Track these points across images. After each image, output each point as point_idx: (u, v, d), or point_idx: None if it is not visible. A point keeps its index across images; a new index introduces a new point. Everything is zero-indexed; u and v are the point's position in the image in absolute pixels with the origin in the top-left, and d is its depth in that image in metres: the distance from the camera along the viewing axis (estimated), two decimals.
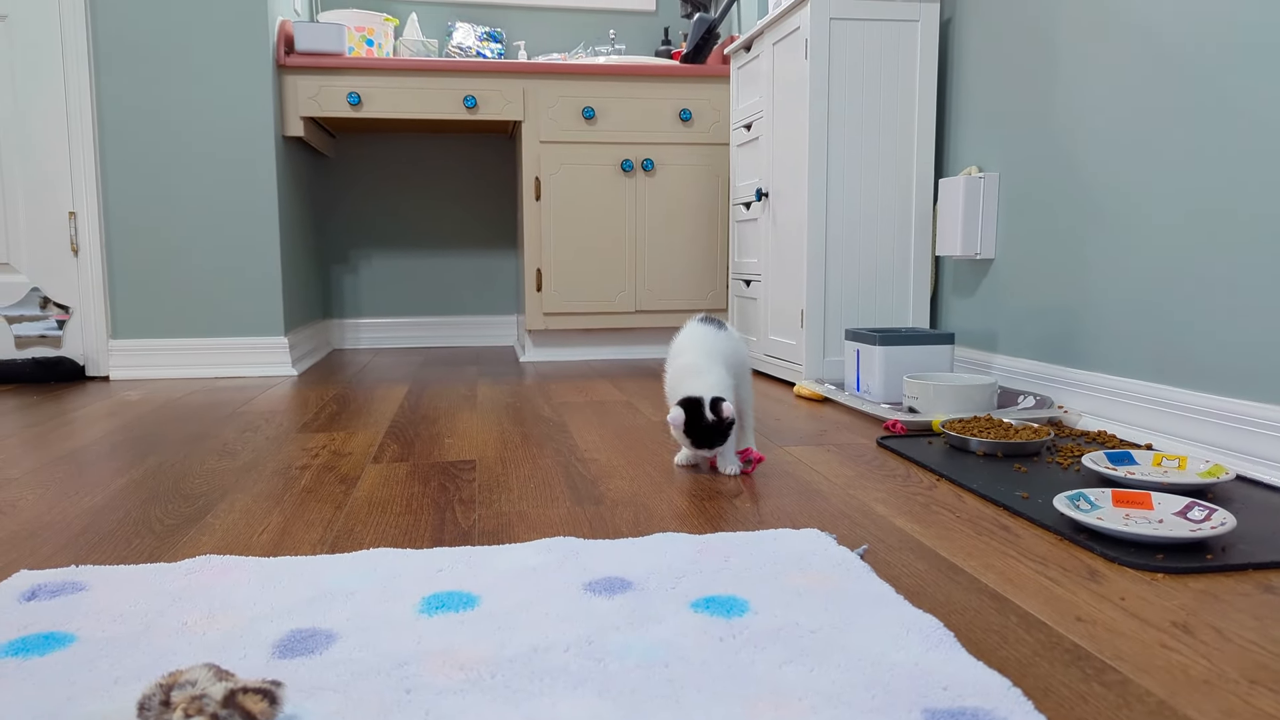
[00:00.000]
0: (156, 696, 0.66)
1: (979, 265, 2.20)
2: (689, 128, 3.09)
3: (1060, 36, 1.88)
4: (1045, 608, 0.92)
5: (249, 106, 2.73)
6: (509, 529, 1.21)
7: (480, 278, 3.69)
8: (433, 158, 3.60)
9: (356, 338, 3.62)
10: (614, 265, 3.10)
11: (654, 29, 3.72)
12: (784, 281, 2.49)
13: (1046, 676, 0.77)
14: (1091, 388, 1.79)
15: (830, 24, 2.25)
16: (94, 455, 1.68)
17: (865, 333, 2.07)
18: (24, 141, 2.64)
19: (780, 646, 0.81)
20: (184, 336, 2.78)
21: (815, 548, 1.08)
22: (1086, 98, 1.80)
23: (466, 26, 3.42)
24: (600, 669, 0.77)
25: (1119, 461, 1.41)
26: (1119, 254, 1.72)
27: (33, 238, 2.68)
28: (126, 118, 2.68)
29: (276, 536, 1.18)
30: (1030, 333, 2.00)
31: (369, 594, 0.95)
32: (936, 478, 1.45)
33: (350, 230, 3.58)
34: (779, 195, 2.51)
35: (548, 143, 3.03)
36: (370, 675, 0.76)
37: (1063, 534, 1.14)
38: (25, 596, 0.95)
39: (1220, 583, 0.99)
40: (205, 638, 0.85)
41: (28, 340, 2.70)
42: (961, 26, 2.26)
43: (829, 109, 2.28)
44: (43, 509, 1.32)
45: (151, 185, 2.71)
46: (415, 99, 2.96)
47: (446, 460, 1.62)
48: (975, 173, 2.16)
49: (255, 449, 1.72)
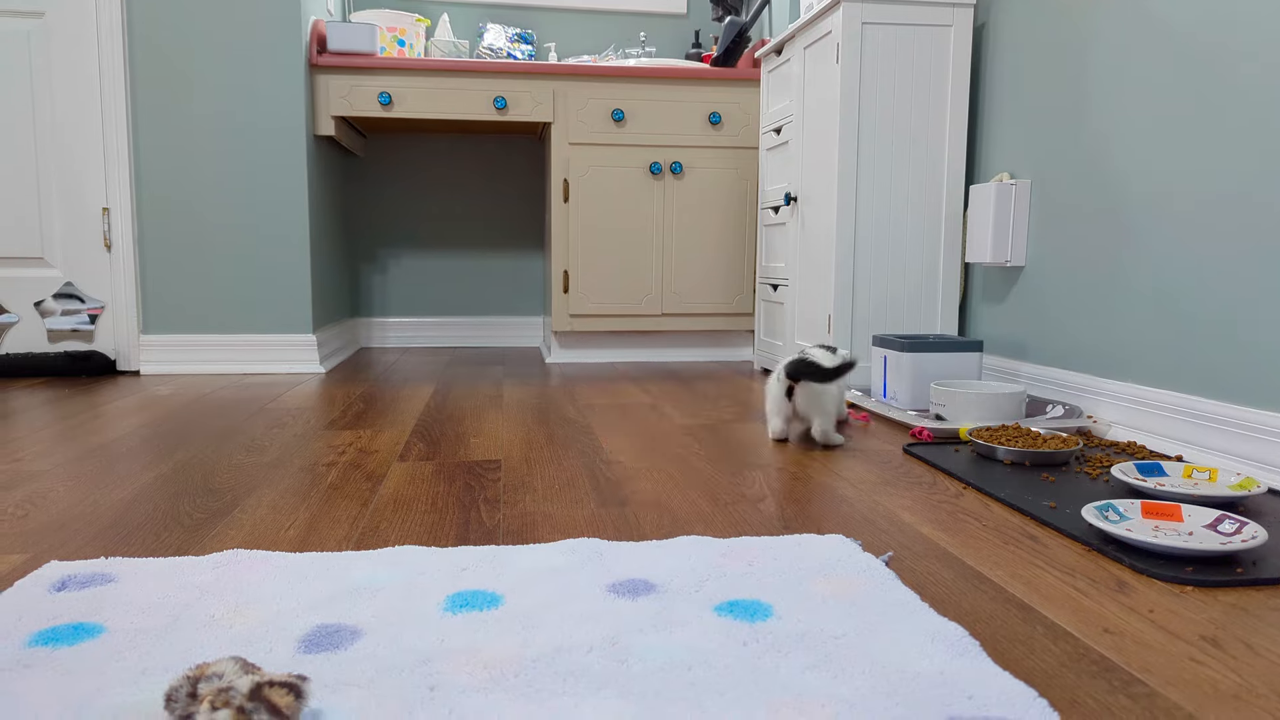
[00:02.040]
0: (184, 688, 0.67)
1: (1009, 273, 2.18)
2: (718, 131, 3.09)
3: (1095, 43, 1.86)
4: (1072, 618, 0.91)
5: (281, 105, 2.76)
6: (533, 529, 1.21)
7: (507, 279, 3.70)
8: (462, 158, 3.62)
9: (384, 336, 3.64)
10: (641, 268, 3.11)
11: (685, 32, 3.72)
12: (811, 286, 2.48)
13: (1073, 687, 0.77)
14: (1121, 398, 1.76)
15: (862, 28, 2.24)
16: (124, 449, 1.70)
17: (893, 339, 2.06)
18: (59, 138, 2.69)
19: (804, 652, 0.81)
20: (214, 332, 2.81)
21: (840, 554, 1.07)
22: (1120, 105, 1.78)
23: (497, 28, 3.43)
24: (623, 670, 0.77)
25: (1149, 473, 1.39)
26: (1151, 263, 1.70)
27: (66, 233, 2.72)
28: (159, 116, 2.72)
29: (303, 532, 1.19)
30: (1060, 341, 1.98)
31: (394, 591, 0.95)
32: (963, 486, 1.44)
33: (379, 229, 3.61)
34: (808, 200, 2.50)
35: (577, 144, 3.03)
36: (394, 672, 0.77)
37: (1091, 545, 1.13)
38: (56, 587, 0.96)
39: (1251, 597, 0.97)
40: (232, 631, 0.86)
41: (60, 334, 2.75)
42: (995, 32, 2.24)
43: (860, 113, 2.27)
44: (73, 501, 1.34)
45: (183, 182, 2.75)
46: (446, 99, 2.98)
47: (472, 460, 1.62)
48: (1007, 179, 2.14)
49: (283, 445, 1.74)
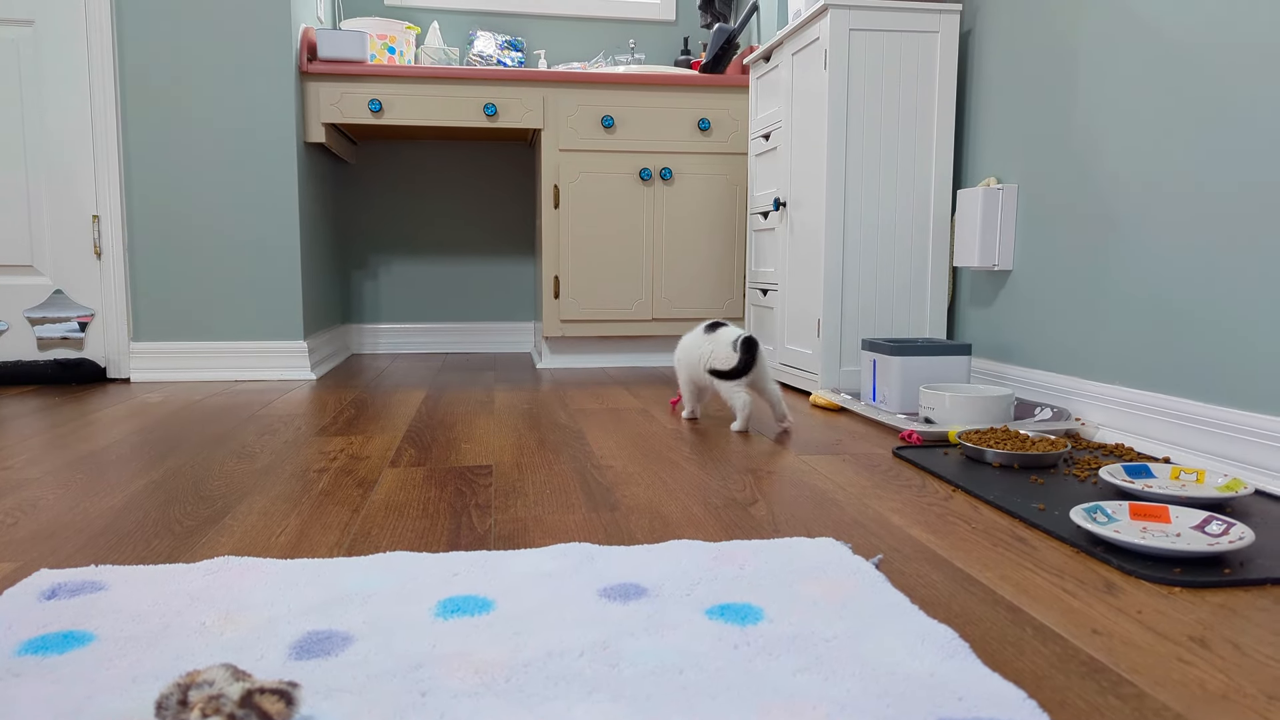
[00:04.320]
0: (174, 696, 0.67)
1: (997, 276, 2.19)
2: (707, 137, 3.10)
3: (1080, 48, 1.87)
4: (1061, 620, 0.92)
5: (272, 113, 2.76)
6: (525, 534, 1.21)
7: (498, 284, 3.70)
8: (453, 165, 3.63)
9: (375, 343, 3.64)
10: (631, 273, 3.11)
11: (673, 39, 3.73)
12: (801, 291, 2.48)
13: (1062, 689, 0.77)
14: (1109, 400, 1.78)
15: (850, 35, 2.25)
16: (114, 456, 1.69)
17: (882, 343, 2.07)
18: (49, 145, 2.68)
19: (795, 655, 0.81)
20: (204, 340, 2.80)
21: (830, 557, 1.08)
22: (1106, 110, 1.80)
23: (487, 35, 3.44)
24: (615, 674, 0.78)
25: (1136, 474, 1.40)
26: (1137, 266, 1.71)
27: (56, 240, 2.71)
28: (150, 122, 2.71)
29: (294, 538, 1.19)
30: (1048, 344, 1.99)
31: (385, 597, 0.95)
32: (952, 488, 1.45)
33: (370, 236, 3.60)
34: (797, 205, 2.51)
35: (567, 151, 3.04)
36: (386, 678, 0.77)
37: (1079, 546, 1.13)
38: (46, 595, 0.96)
39: (1238, 597, 0.98)
40: (223, 638, 0.85)
41: (50, 342, 2.73)
42: (981, 38, 2.25)
43: (848, 119, 2.28)
44: (63, 509, 1.33)
45: (174, 189, 2.74)
46: (436, 106, 2.98)
47: (463, 465, 1.62)
48: (994, 184, 2.15)
49: (274, 452, 1.73)
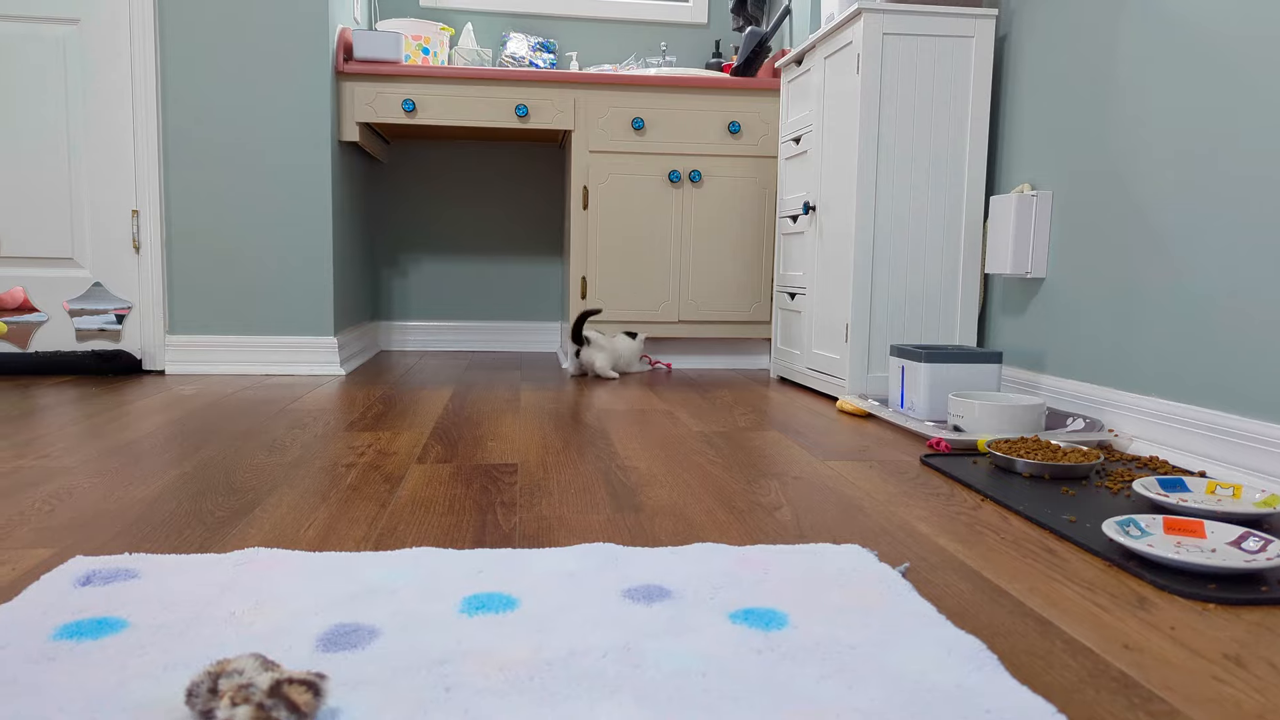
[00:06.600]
0: (205, 684, 0.68)
1: (1029, 284, 2.17)
2: (737, 140, 3.09)
3: (1118, 54, 1.85)
4: (1092, 634, 0.91)
5: (308, 112, 2.79)
6: (549, 533, 1.21)
7: (526, 284, 3.72)
8: (483, 165, 3.64)
9: (403, 340, 3.67)
10: (659, 275, 3.11)
11: (705, 41, 3.72)
12: (829, 295, 2.47)
13: (1092, 704, 0.76)
14: (1143, 411, 1.75)
15: (883, 39, 2.24)
16: (148, 447, 1.72)
17: (911, 349, 2.05)
18: (91, 141, 2.72)
19: (818, 661, 0.81)
20: (237, 334, 2.84)
21: (856, 564, 1.07)
22: (1145, 116, 1.77)
23: (520, 36, 3.46)
24: (637, 675, 0.78)
25: (1171, 488, 1.38)
26: (1173, 275, 1.69)
27: (96, 234, 2.75)
28: (189, 120, 2.75)
29: (322, 532, 1.20)
30: (1081, 353, 1.97)
31: (411, 592, 0.96)
32: (981, 498, 1.44)
33: (401, 234, 3.63)
34: (826, 209, 2.50)
35: (597, 152, 3.05)
36: (411, 672, 0.77)
37: (1111, 560, 1.12)
38: (80, 581, 0.97)
39: (1276, 616, 0.96)
40: (252, 628, 0.86)
41: (88, 333, 2.78)
42: (1017, 43, 2.23)
43: (879, 124, 2.26)
44: (98, 497, 1.35)
45: (211, 186, 2.78)
46: (468, 107, 3.00)
47: (489, 463, 1.63)
48: (1028, 190, 2.13)
49: (303, 446, 1.75)
